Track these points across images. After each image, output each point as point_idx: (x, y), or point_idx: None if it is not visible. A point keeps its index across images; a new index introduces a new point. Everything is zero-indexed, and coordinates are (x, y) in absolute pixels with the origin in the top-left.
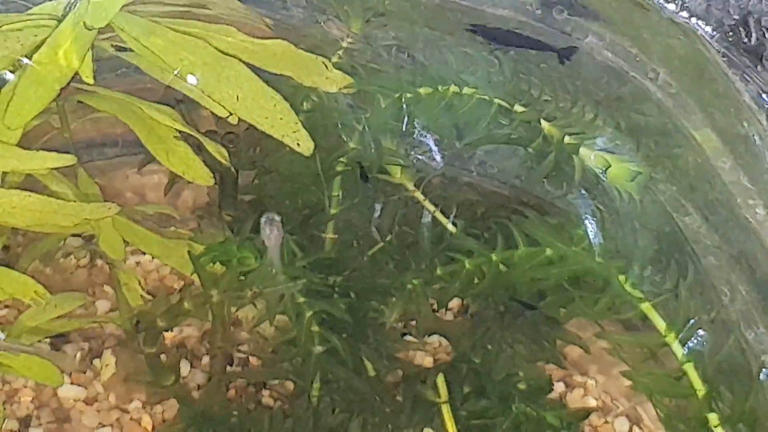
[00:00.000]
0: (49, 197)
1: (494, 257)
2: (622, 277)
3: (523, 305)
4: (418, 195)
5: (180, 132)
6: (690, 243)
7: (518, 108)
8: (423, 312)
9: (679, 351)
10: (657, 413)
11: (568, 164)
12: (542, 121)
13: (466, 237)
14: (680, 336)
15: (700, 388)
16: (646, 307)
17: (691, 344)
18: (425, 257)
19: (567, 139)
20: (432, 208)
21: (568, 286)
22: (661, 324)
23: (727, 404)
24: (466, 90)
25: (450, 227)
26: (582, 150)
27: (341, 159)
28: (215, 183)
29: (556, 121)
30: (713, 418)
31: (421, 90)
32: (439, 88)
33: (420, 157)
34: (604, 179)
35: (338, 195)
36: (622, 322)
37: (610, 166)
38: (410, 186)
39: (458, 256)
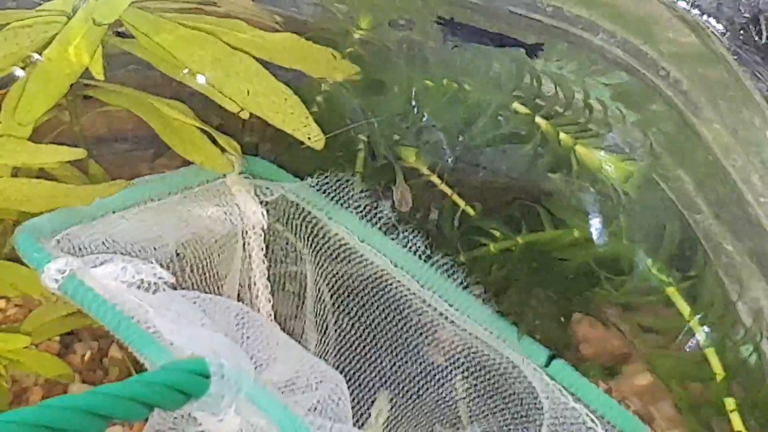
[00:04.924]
0: (59, 182)
1: (520, 240)
2: (649, 261)
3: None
4: (435, 179)
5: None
6: (700, 240)
7: (518, 107)
8: None
9: (702, 335)
10: (673, 402)
11: (569, 162)
12: (538, 119)
13: (489, 220)
14: (702, 321)
15: (720, 373)
16: (671, 291)
17: (709, 331)
18: (446, 242)
19: (564, 137)
20: (449, 191)
21: (596, 267)
22: (685, 308)
23: (744, 390)
24: (467, 86)
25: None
26: (579, 149)
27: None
28: None
29: (556, 119)
30: (730, 402)
31: (427, 82)
32: (444, 82)
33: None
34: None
35: (360, 173)
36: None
37: (608, 165)
38: (425, 170)
39: (483, 240)
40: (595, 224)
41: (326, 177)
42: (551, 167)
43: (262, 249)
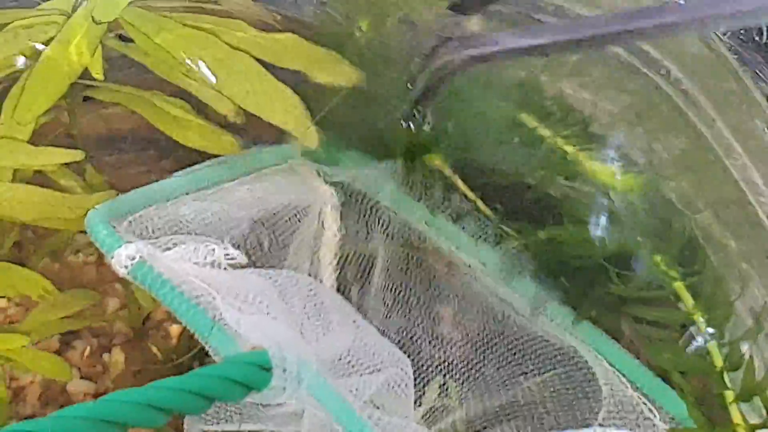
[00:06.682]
0: (54, 191)
1: (541, 235)
2: (657, 257)
3: None
4: (457, 180)
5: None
6: (701, 241)
7: (525, 117)
8: None
9: (705, 329)
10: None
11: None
12: (543, 130)
13: (512, 218)
14: (708, 322)
15: (721, 365)
16: (678, 285)
17: (712, 327)
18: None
19: (570, 149)
20: (472, 194)
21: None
22: (689, 303)
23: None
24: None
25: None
26: (584, 160)
27: None
28: None
29: (560, 129)
30: (729, 395)
31: None
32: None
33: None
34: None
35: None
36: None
37: (611, 178)
38: (447, 171)
39: (510, 233)
40: (602, 224)
41: (393, 163)
42: (557, 174)
43: (336, 222)
